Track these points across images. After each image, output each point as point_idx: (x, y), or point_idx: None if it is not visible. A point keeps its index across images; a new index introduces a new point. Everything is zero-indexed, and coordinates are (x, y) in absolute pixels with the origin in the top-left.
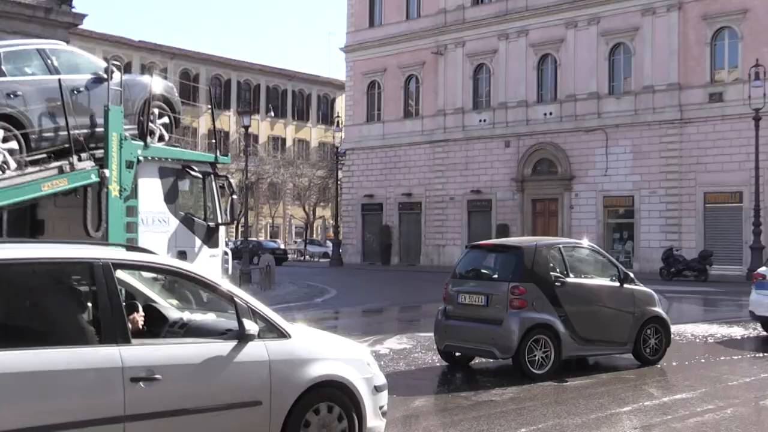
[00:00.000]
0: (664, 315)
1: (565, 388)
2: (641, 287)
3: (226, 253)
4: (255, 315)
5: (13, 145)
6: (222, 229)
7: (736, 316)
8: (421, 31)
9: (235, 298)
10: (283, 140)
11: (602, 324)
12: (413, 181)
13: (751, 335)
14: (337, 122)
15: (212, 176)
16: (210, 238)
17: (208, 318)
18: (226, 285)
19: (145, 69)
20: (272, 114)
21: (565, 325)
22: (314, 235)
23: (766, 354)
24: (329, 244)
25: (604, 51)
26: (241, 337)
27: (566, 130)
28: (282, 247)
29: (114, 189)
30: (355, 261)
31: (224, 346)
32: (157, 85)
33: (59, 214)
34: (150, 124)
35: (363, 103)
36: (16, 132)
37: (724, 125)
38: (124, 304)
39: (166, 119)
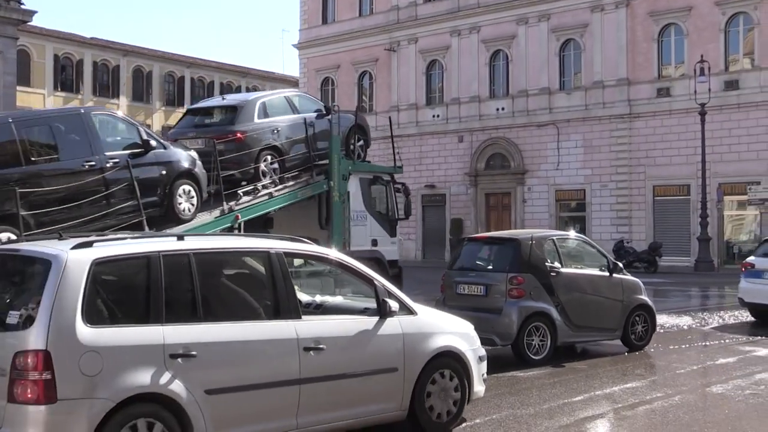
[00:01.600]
0: (650, 303)
1: (518, 379)
2: (629, 276)
3: (401, 241)
4: (390, 295)
5: (276, 166)
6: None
7: (684, 306)
8: (374, 27)
9: (375, 282)
10: None
11: (594, 312)
12: None
13: (699, 326)
14: None
15: (391, 183)
16: (392, 229)
17: (337, 300)
18: (367, 270)
19: (97, 66)
20: None
21: (560, 313)
22: None
23: (712, 343)
24: None
25: (555, 47)
26: (383, 313)
27: (518, 125)
28: None
29: (335, 195)
30: None
31: (369, 322)
32: (358, 117)
33: (283, 212)
34: (354, 146)
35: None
36: (278, 157)
37: (672, 120)
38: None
39: (362, 142)
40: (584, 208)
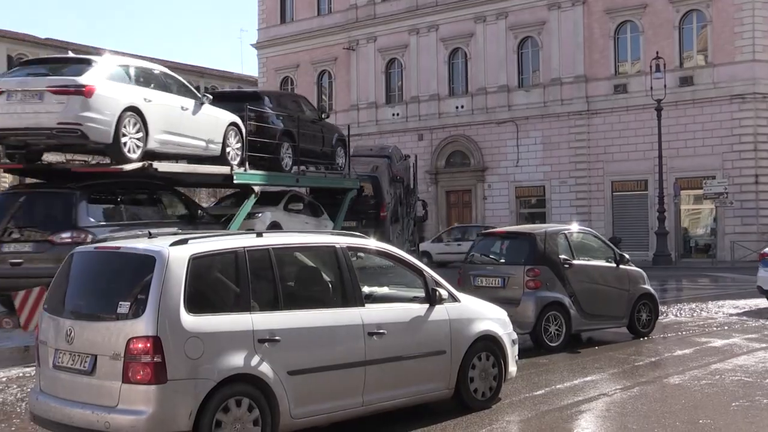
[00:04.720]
0: (653, 292)
1: None
2: (634, 267)
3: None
4: (438, 285)
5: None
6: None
7: None
8: (333, 26)
9: (424, 272)
10: None
11: (603, 301)
12: None
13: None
14: None
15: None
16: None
17: (384, 290)
18: (417, 263)
19: None
20: None
21: (574, 303)
22: None
23: (669, 335)
24: None
25: (513, 45)
26: (433, 301)
27: (478, 123)
28: None
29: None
30: None
31: (421, 308)
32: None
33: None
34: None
35: None
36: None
37: (629, 116)
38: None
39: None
40: (544, 205)
